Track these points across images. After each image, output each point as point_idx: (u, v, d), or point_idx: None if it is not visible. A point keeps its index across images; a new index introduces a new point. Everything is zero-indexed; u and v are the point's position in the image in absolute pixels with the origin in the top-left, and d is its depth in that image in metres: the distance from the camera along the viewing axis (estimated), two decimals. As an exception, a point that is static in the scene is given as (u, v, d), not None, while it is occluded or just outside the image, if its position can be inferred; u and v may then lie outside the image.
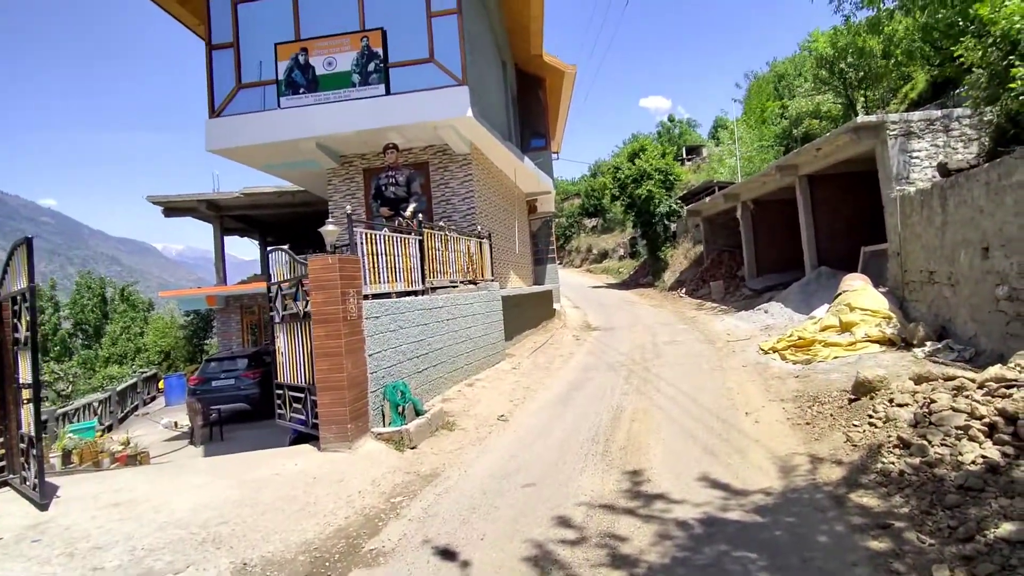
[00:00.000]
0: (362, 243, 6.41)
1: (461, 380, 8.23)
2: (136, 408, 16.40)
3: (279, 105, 9.53)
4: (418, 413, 6.36)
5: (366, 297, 6.21)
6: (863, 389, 4.83)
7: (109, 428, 13.43)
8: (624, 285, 28.57)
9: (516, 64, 15.61)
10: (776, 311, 11.14)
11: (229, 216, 18.27)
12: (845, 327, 7.35)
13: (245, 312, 16.84)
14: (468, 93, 9.01)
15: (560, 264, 30.59)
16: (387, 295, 6.81)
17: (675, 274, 24.78)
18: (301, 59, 9.49)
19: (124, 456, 8.36)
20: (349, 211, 6.47)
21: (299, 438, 6.24)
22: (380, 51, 9.29)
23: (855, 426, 4.42)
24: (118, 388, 15.42)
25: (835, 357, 6.73)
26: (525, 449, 5.49)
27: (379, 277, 6.69)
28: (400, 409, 6.23)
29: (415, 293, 7.46)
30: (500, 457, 5.33)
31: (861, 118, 8.90)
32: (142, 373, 18.83)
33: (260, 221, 19.88)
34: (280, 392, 6.76)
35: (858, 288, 8.00)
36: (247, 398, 11.57)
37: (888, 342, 6.79)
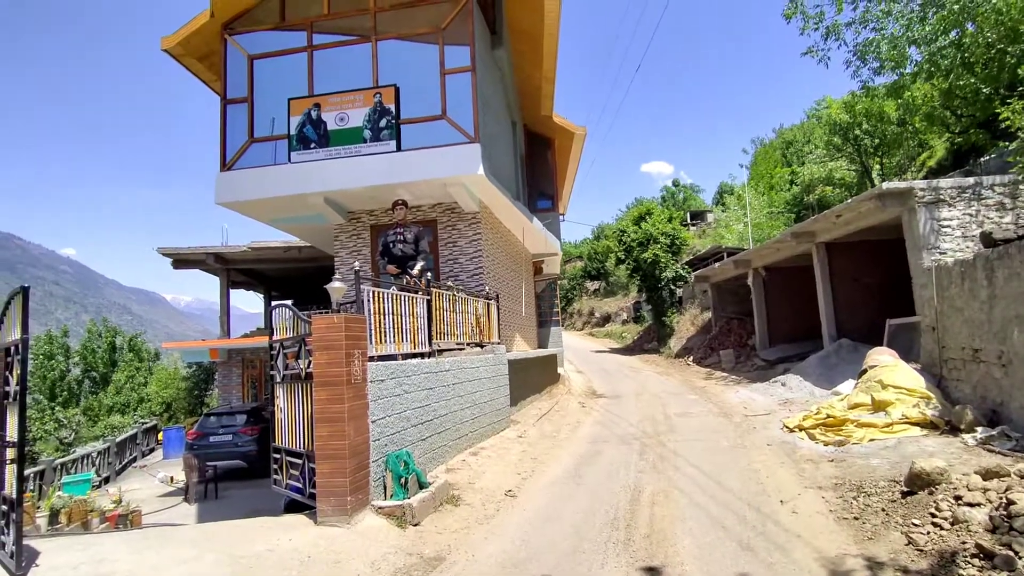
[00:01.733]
0: (369, 301, 6.11)
1: (466, 448, 7.72)
2: (135, 460, 15.92)
3: (290, 159, 9.52)
4: (421, 485, 5.87)
5: (371, 359, 5.87)
6: (920, 482, 4.35)
7: (106, 480, 13.16)
8: (628, 350, 28.06)
9: (526, 124, 15.85)
10: (795, 384, 10.66)
11: (236, 269, 18.26)
12: (878, 406, 6.88)
13: (247, 366, 16.61)
14: (480, 151, 8.97)
15: (563, 327, 30.23)
16: (392, 357, 6.45)
17: (681, 341, 24.34)
18: (314, 114, 9.53)
19: (115, 516, 7.86)
20: (357, 267, 6.20)
21: (292, 504, 5.80)
22: (392, 107, 9.33)
23: (915, 526, 3.91)
24: (117, 439, 14.97)
25: (871, 440, 6.22)
26: (537, 532, 4.98)
27: (385, 338, 6.36)
28: (403, 481, 5.75)
29: (421, 355, 7.10)
30: (510, 541, 4.82)
31: (887, 184, 8.74)
32: (142, 424, 18.37)
33: (266, 275, 19.84)
34: (277, 456, 6.34)
35: (889, 364, 7.58)
36: (244, 455, 11.20)
37: (930, 425, 6.30)
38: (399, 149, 9.25)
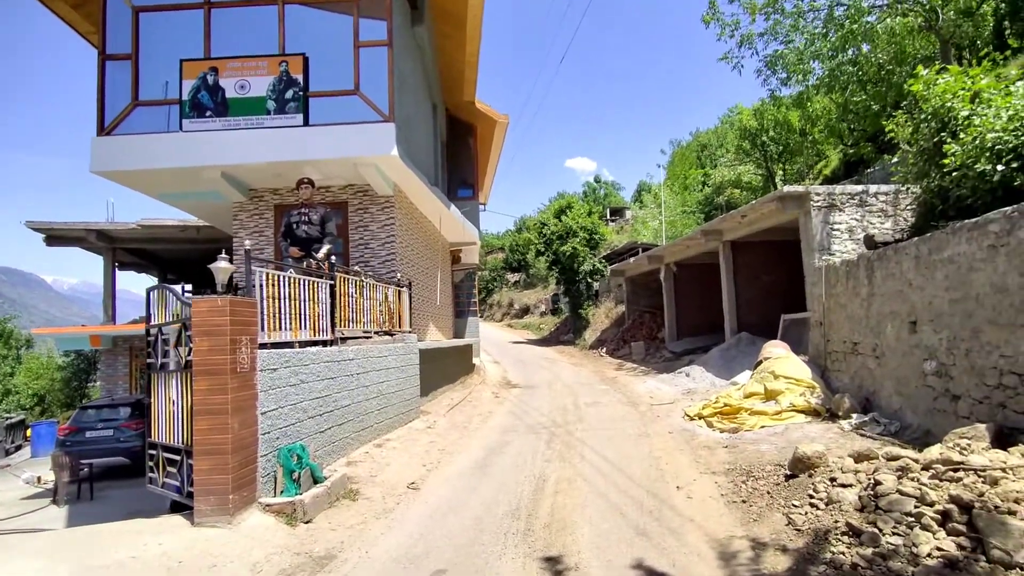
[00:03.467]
0: (262, 284, 5.64)
1: (370, 440, 7.39)
2: None
3: (181, 128, 8.63)
4: (316, 480, 5.51)
5: (263, 346, 5.44)
6: (801, 466, 4.57)
7: None
8: (545, 342, 28.44)
9: (448, 109, 15.50)
10: (697, 375, 11.14)
11: (124, 249, 16.63)
12: (770, 395, 7.27)
13: (135, 355, 15.10)
14: (394, 130, 8.59)
15: (481, 317, 30.16)
16: (289, 344, 6.01)
17: (596, 333, 24.93)
18: (210, 79, 8.69)
19: None
20: (247, 246, 5.71)
21: (177, 505, 5.29)
22: (300, 78, 8.69)
23: (795, 507, 4.10)
24: None
25: (762, 426, 6.57)
26: (437, 525, 4.80)
27: (280, 324, 5.91)
28: (295, 476, 5.37)
29: (323, 343, 6.68)
30: (407, 535, 4.61)
31: (787, 188, 9.26)
32: (6, 419, 16.34)
33: (159, 257, 18.21)
34: (153, 452, 5.79)
35: (781, 356, 8.04)
36: (128, 451, 10.16)
37: (813, 412, 6.73)
38: (307, 124, 8.65)
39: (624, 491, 5.26)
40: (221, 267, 5.21)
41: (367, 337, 7.82)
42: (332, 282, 6.91)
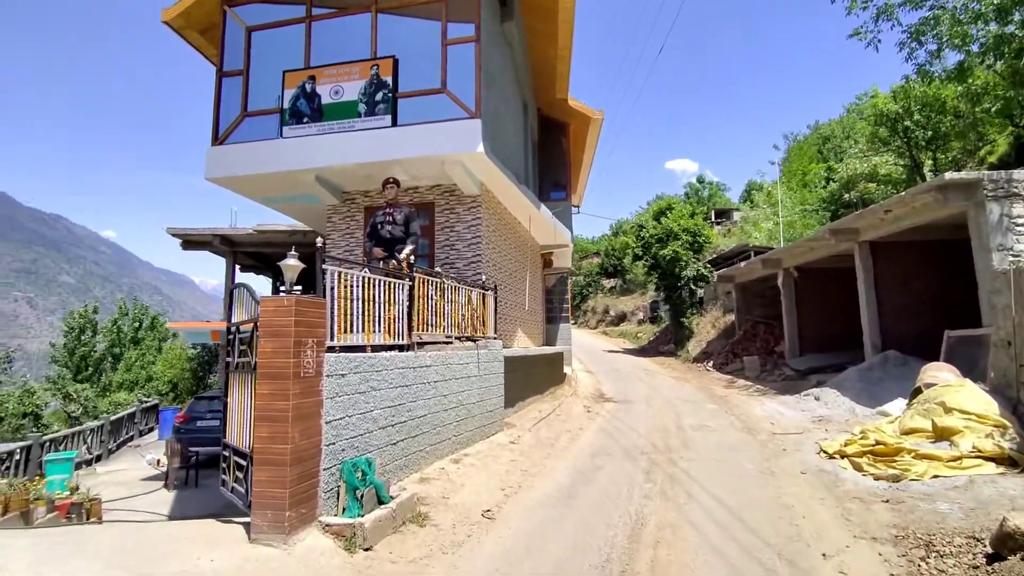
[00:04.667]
0: (333, 284, 5.19)
1: (447, 455, 6.76)
2: (132, 439, 15.48)
3: (281, 134, 8.82)
4: (381, 500, 4.92)
5: (331, 349, 4.97)
6: (1012, 544, 3.24)
7: (98, 459, 12.85)
8: (643, 351, 26.86)
9: (539, 109, 14.82)
10: (831, 399, 9.43)
11: (243, 252, 17.71)
12: (941, 433, 5.69)
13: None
14: (480, 127, 8.08)
15: (574, 324, 29.10)
16: (360, 348, 5.51)
17: (701, 344, 23.14)
18: (308, 87, 8.80)
19: (65, 505, 7.03)
20: (320, 244, 5.28)
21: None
22: (390, 80, 8.54)
23: (1017, 613, 2.84)
24: (112, 417, 14.49)
25: (935, 476, 5.03)
26: (512, 569, 4.03)
27: (351, 326, 5.43)
28: (359, 494, 4.82)
29: (399, 348, 6.15)
30: (475, 582, 3.87)
31: (951, 175, 7.51)
32: (143, 403, 17.91)
33: (272, 259, 19.23)
34: (227, 454, 5.53)
35: (953, 383, 6.36)
36: None
37: (1008, 462, 5.08)
38: (395, 124, 8.45)
39: (748, 550, 4.14)
40: (290, 264, 4.80)
41: (447, 343, 7.23)
42: (410, 283, 6.37)
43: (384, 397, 5.59)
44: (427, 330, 6.78)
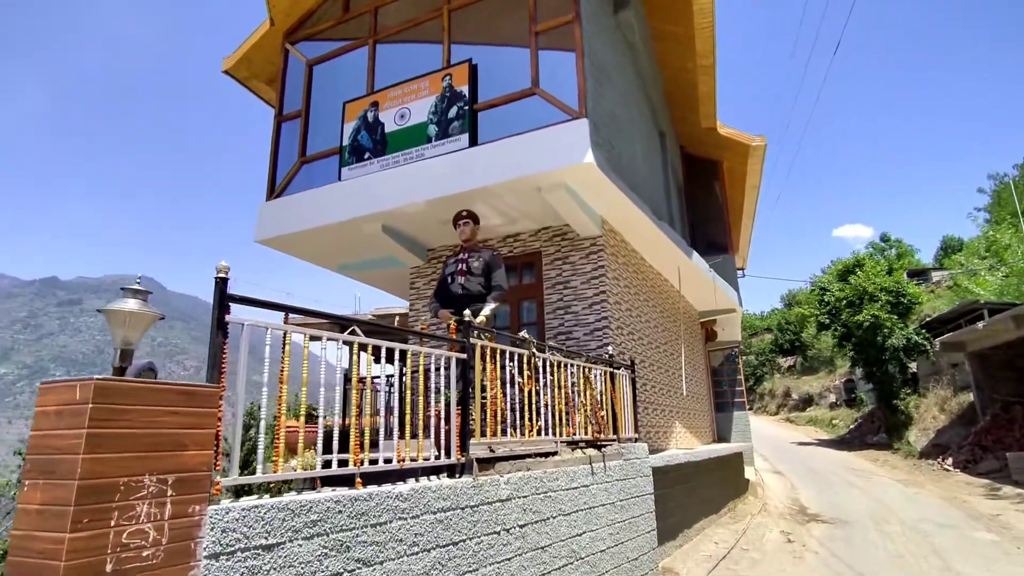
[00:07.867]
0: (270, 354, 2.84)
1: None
2: None
3: (340, 177, 7.05)
4: None
5: (240, 492, 2.58)
6: None
7: None
8: (843, 443, 21.10)
9: (682, 146, 12.11)
10: None
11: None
12: None
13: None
14: (588, 128, 5.61)
15: (750, 411, 24.11)
16: (346, 479, 2.97)
17: (928, 433, 17.40)
18: (370, 116, 7.07)
19: None
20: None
21: None
22: (465, 90, 6.47)
23: None
24: None
25: None
26: None
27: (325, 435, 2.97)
28: None
29: (437, 471, 3.52)
30: None
31: None
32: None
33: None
34: None
35: None
36: None
37: None
38: (474, 143, 6.27)
39: None
40: (115, 309, 2.52)
41: (548, 455, 4.40)
42: (464, 355, 3.79)
43: (395, 572, 2.92)
44: (504, 433, 4.08)
